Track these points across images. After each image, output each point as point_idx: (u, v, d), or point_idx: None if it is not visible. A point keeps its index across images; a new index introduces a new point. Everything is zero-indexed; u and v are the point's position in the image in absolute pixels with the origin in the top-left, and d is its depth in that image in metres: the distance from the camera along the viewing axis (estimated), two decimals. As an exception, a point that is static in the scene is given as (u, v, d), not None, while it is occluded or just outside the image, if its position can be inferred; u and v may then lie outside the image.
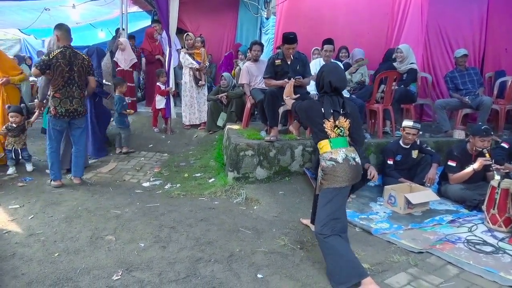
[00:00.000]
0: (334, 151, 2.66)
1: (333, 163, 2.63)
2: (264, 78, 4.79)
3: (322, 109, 2.72)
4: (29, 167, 4.87)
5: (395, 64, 5.63)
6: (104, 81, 5.91)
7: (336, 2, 6.80)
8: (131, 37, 7.92)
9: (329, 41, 5.25)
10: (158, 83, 6.38)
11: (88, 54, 5.08)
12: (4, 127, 4.70)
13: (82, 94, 4.37)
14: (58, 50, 4.15)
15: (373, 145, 4.79)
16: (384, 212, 3.80)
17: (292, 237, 3.21)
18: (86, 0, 8.43)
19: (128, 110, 5.79)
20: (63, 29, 4.27)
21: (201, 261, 2.79)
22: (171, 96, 6.26)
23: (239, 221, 3.50)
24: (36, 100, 4.74)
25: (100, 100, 5.45)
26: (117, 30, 8.25)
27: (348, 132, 2.75)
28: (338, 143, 2.68)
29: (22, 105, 5.13)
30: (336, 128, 2.70)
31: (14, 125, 4.70)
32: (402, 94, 5.40)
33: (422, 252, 2.96)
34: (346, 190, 2.70)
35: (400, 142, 4.44)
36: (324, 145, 2.70)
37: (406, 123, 4.38)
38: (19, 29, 11.45)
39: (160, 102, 6.29)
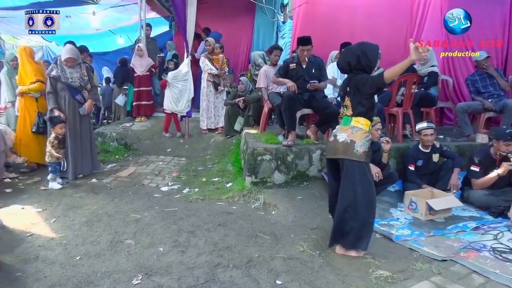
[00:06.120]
0: None
1: None
2: (273, 76, 4.80)
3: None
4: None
5: (415, 66, 5.54)
6: None
7: (354, 6, 6.74)
8: (147, 25, 7.90)
9: (346, 45, 5.20)
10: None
11: None
12: (52, 138, 4.52)
13: None
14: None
15: (393, 149, 4.69)
16: (405, 218, 3.72)
17: (311, 243, 3.18)
18: (106, 7, 8.59)
19: None
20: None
21: (220, 266, 2.78)
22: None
23: (257, 226, 3.49)
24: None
25: None
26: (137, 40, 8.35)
27: (351, 110, 2.93)
28: (342, 122, 3.00)
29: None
30: (343, 108, 3.01)
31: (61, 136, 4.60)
32: (422, 97, 5.30)
33: (446, 260, 2.88)
34: (328, 162, 3.12)
35: (420, 146, 4.36)
36: None
37: (420, 125, 4.33)
38: (41, 36, 11.73)
39: None
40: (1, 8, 6.96)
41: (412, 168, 4.25)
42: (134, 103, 7.20)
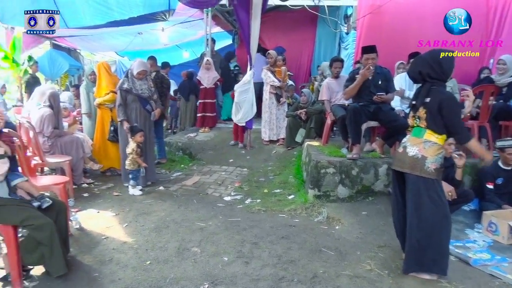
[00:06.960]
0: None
1: None
2: (343, 92, 4.69)
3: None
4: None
5: (493, 76, 5.16)
6: None
7: (423, 14, 6.45)
8: (211, 39, 8.21)
9: (415, 55, 4.98)
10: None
11: None
12: (135, 146, 4.71)
13: None
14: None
15: (468, 166, 4.37)
16: (484, 241, 3.43)
17: (378, 262, 3.04)
18: (174, 24, 9.06)
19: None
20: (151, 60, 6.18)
21: (284, 280, 2.75)
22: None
23: (321, 241, 3.41)
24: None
25: None
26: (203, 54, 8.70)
27: (425, 122, 2.76)
28: (413, 132, 2.86)
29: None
30: (414, 118, 2.86)
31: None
32: (501, 109, 4.91)
33: (535, 291, 2.61)
34: (394, 173, 2.96)
35: (500, 163, 4.01)
36: None
37: (504, 142, 3.97)
38: (115, 52, 12.69)
39: None
40: (81, 27, 7.63)
41: (491, 186, 3.92)
42: (198, 115, 7.47)
